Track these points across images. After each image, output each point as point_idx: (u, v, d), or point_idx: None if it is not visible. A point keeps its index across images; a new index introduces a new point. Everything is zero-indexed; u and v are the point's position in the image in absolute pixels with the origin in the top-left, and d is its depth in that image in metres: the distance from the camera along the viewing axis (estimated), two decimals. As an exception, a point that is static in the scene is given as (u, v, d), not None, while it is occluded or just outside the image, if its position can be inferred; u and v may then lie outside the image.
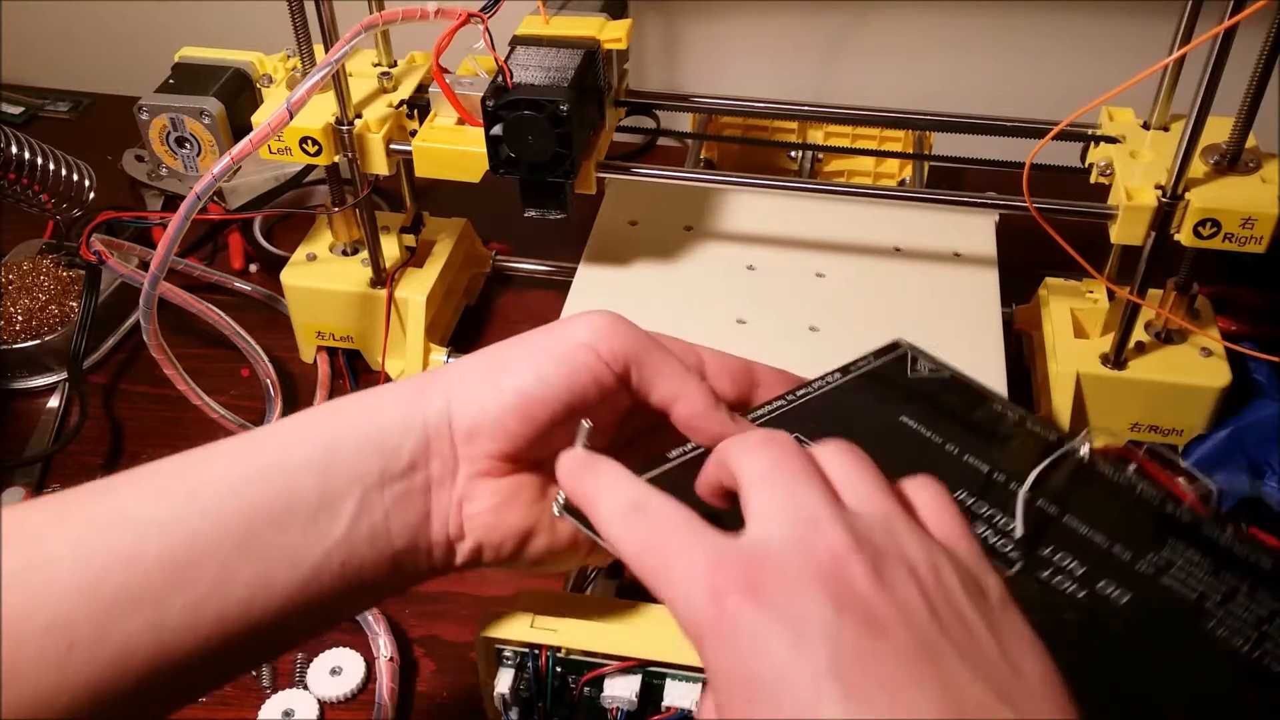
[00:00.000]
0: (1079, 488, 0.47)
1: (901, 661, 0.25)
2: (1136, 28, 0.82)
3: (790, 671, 0.25)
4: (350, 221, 0.68)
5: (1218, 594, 0.41)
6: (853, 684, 0.25)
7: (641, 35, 0.90)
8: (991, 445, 0.48)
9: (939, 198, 0.63)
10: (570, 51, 0.58)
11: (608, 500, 0.32)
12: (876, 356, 0.54)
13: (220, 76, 0.63)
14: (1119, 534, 0.44)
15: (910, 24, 0.87)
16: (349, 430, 0.35)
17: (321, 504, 0.34)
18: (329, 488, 0.34)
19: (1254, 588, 0.41)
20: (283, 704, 0.52)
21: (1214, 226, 0.55)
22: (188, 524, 0.33)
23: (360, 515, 0.34)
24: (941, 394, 0.53)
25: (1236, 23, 0.48)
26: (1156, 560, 0.43)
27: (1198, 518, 0.44)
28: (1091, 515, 0.45)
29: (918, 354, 0.54)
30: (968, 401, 0.52)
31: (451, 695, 0.53)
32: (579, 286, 0.66)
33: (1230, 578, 0.42)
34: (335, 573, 0.34)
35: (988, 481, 0.46)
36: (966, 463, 0.47)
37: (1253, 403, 0.62)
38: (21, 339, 0.70)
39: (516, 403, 0.36)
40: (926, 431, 0.49)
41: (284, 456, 0.35)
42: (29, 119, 0.96)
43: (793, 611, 0.26)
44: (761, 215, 0.71)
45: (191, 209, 0.53)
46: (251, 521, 0.33)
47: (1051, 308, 0.65)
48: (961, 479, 0.47)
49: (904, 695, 0.25)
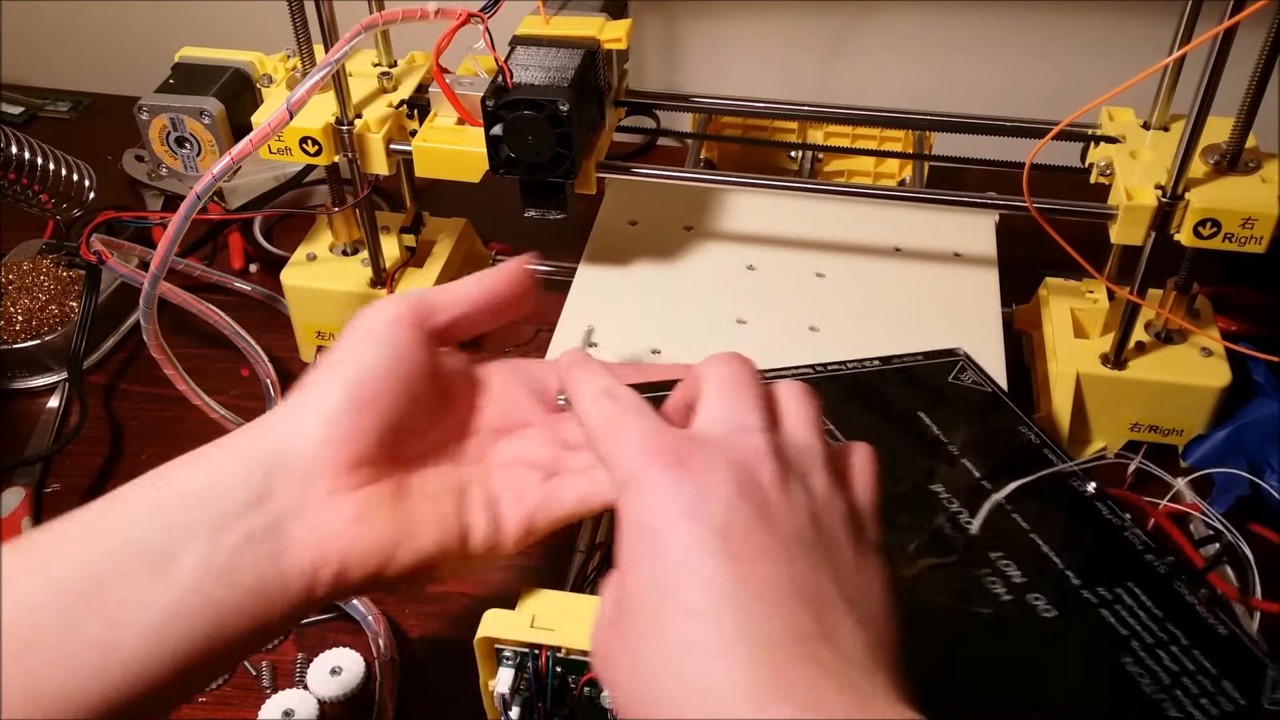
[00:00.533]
0: (1066, 515, 0.49)
1: (776, 543, 0.31)
2: (1136, 28, 0.82)
3: (686, 523, 0.31)
4: (350, 221, 0.68)
5: (1151, 639, 0.43)
6: (733, 545, 0.30)
7: (641, 35, 0.90)
8: (995, 458, 0.49)
9: (939, 198, 0.63)
10: (570, 51, 0.58)
11: (587, 386, 0.37)
12: (927, 357, 0.56)
13: (220, 76, 0.63)
14: (1079, 561, 0.46)
15: (910, 24, 0.87)
16: (180, 484, 0.36)
17: (160, 557, 0.34)
18: (162, 543, 0.35)
19: (1195, 646, 0.43)
20: (283, 704, 0.52)
21: (1214, 226, 0.55)
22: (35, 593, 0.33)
23: (200, 564, 0.35)
24: (972, 404, 0.54)
25: (1236, 23, 0.48)
26: (1105, 593, 0.45)
27: (1175, 573, 0.45)
28: (1060, 539, 0.47)
29: (969, 365, 0.55)
30: (996, 418, 0.53)
31: (451, 695, 0.53)
32: (579, 286, 0.66)
33: (1175, 630, 0.44)
34: (183, 627, 0.34)
35: (974, 486, 0.48)
36: (962, 465, 0.49)
37: (1252, 402, 0.62)
38: (21, 339, 0.70)
39: (346, 395, 0.38)
40: (936, 430, 0.51)
41: (110, 519, 0.35)
42: (29, 119, 0.96)
43: (703, 480, 0.32)
44: (761, 215, 0.71)
45: (191, 209, 0.53)
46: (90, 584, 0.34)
47: (1051, 308, 0.65)
48: (951, 477, 0.48)
49: (770, 568, 0.30)
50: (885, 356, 0.55)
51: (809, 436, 0.35)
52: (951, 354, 0.56)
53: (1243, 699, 0.41)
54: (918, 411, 0.52)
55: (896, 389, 0.54)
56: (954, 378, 0.55)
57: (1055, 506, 0.49)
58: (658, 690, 0.30)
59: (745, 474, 0.32)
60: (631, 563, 0.32)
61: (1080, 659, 0.42)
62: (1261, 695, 0.41)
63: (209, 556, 0.35)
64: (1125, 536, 0.47)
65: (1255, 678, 0.42)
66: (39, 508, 0.62)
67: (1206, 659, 0.42)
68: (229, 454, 0.37)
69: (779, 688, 0.28)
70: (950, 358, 0.56)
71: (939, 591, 0.35)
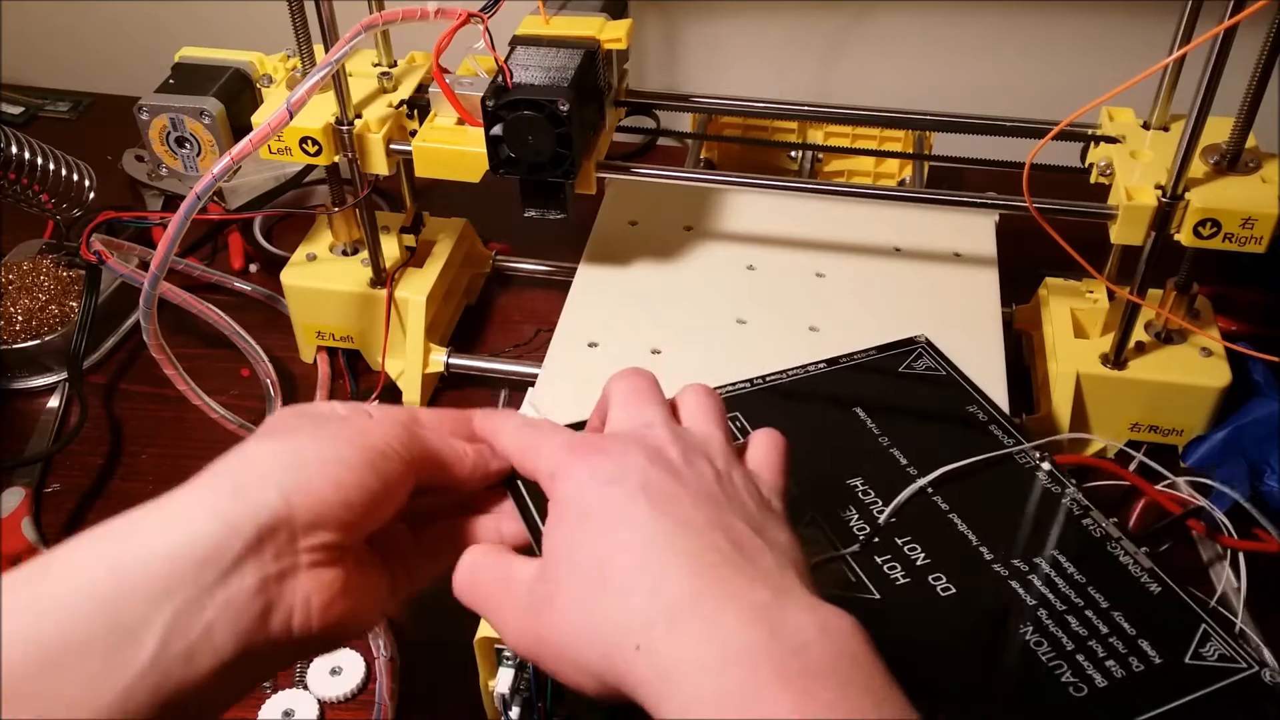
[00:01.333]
0: (998, 491, 0.49)
1: (688, 496, 0.35)
2: (1136, 28, 0.82)
3: (609, 487, 0.35)
4: (350, 221, 0.68)
5: (1064, 605, 0.44)
6: (652, 495, 0.34)
7: (641, 35, 0.90)
8: (931, 444, 0.51)
9: (939, 198, 0.63)
10: (570, 51, 0.58)
11: (507, 423, 0.41)
12: (884, 350, 0.56)
13: (220, 76, 0.63)
14: (997, 537, 0.47)
15: (910, 24, 0.87)
16: (145, 549, 0.33)
17: (116, 634, 0.31)
18: (120, 617, 0.31)
19: (1116, 608, 0.44)
20: (283, 704, 0.52)
21: (1214, 226, 0.55)
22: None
23: (172, 636, 0.32)
24: (922, 391, 0.54)
25: (1236, 23, 0.48)
26: (1020, 565, 0.46)
27: (1111, 535, 0.46)
28: (983, 516, 0.48)
29: (927, 351, 0.55)
30: (946, 402, 0.53)
31: (451, 695, 0.53)
32: (579, 286, 0.66)
33: (1095, 595, 0.44)
34: (144, 702, 0.31)
35: (898, 475, 0.50)
36: (890, 455, 0.51)
37: (1252, 402, 0.62)
38: (21, 339, 0.70)
39: (349, 496, 0.36)
40: (870, 422, 0.53)
41: (65, 587, 0.32)
42: (29, 119, 0.96)
43: (619, 457, 0.36)
44: (761, 215, 0.71)
45: (191, 209, 0.53)
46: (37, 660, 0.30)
47: (1051, 308, 0.65)
48: (875, 469, 0.50)
49: (687, 509, 0.34)
50: (833, 357, 0.56)
51: (709, 427, 0.39)
52: (910, 342, 0.57)
53: (1160, 657, 0.42)
54: (853, 407, 0.53)
55: (833, 386, 0.55)
56: (907, 366, 0.56)
57: (989, 484, 0.50)
58: (604, 628, 0.33)
59: (654, 450, 0.36)
60: (560, 539, 0.35)
61: (974, 634, 0.43)
62: (1187, 652, 0.42)
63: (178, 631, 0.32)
64: (1063, 503, 0.48)
65: (1185, 634, 0.42)
66: (39, 508, 0.62)
67: (1128, 620, 0.43)
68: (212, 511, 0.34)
69: (710, 585, 0.32)
70: (908, 347, 0.57)
71: (825, 585, 0.36)
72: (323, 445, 0.36)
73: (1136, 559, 0.45)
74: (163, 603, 0.32)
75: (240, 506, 0.34)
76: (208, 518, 0.33)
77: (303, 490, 0.35)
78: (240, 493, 0.34)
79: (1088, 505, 0.48)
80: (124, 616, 0.31)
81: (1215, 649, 0.42)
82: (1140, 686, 0.41)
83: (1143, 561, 0.45)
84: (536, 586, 0.35)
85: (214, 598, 0.33)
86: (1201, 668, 0.41)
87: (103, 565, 0.32)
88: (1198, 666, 0.42)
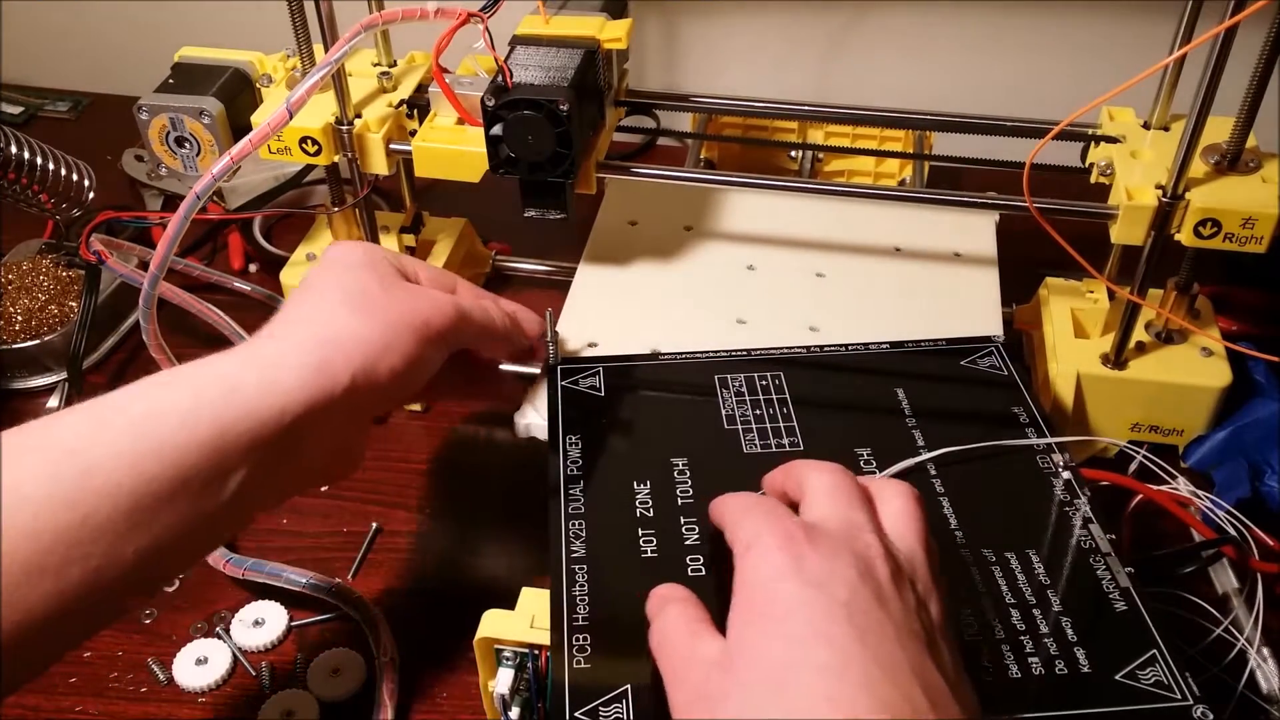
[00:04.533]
0: (1006, 486, 0.50)
1: (892, 627, 0.34)
2: (1136, 28, 0.82)
3: (813, 590, 0.34)
4: (350, 221, 0.68)
5: (1014, 599, 0.44)
6: (856, 618, 0.34)
7: (641, 35, 0.90)
8: (955, 431, 0.52)
9: (939, 198, 0.63)
10: (570, 51, 0.58)
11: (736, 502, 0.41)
12: (954, 342, 0.58)
13: (220, 76, 0.63)
14: (982, 528, 0.47)
15: (910, 24, 0.87)
16: (243, 410, 0.40)
17: (211, 478, 0.39)
18: (220, 464, 0.39)
19: (1067, 614, 0.44)
20: (283, 704, 0.52)
21: (1214, 226, 0.55)
22: (83, 504, 0.35)
23: (248, 483, 0.40)
24: (973, 385, 0.54)
25: (1236, 23, 0.48)
26: (989, 555, 0.46)
27: (1100, 549, 0.47)
28: (976, 506, 0.48)
29: (998, 352, 0.57)
30: (995, 400, 0.54)
31: (451, 695, 0.53)
32: (579, 286, 0.66)
33: (1052, 597, 0.44)
34: (222, 520, 0.40)
35: (908, 451, 0.51)
36: (910, 433, 0.52)
37: (1252, 402, 0.62)
38: (21, 339, 0.70)
39: (403, 383, 0.45)
40: (905, 403, 0.54)
41: (179, 436, 0.38)
42: (29, 119, 0.96)
43: (829, 561, 0.35)
44: (761, 215, 0.71)
45: (191, 209, 0.53)
46: (141, 499, 0.37)
47: (1051, 308, 0.65)
48: (888, 443, 0.51)
49: (888, 645, 0.33)
50: (897, 340, 0.58)
51: (914, 543, 0.38)
52: (985, 340, 0.58)
53: (1090, 667, 0.41)
54: (895, 388, 0.54)
55: (888, 367, 0.56)
56: (971, 362, 0.56)
57: (997, 479, 0.50)
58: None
59: (864, 564, 0.36)
60: (749, 617, 0.35)
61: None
62: (1121, 670, 0.41)
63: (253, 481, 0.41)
64: (1066, 511, 0.48)
65: (1130, 653, 0.42)
66: (39, 508, 0.62)
67: (1074, 627, 0.43)
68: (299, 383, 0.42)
69: None
70: (979, 344, 0.58)
71: None
72: (390, 337, 0.44)
73: (1116, 576, 0.45)
74: (248, 457, 0.39)
75: (322, 381, 0.42)
76: (296, 389, 0.41)
77: (368, 375, 0.43)
78: (324, 368, 0.42)
79: (1091, 518, 0.48)
80: (220, 465, 0.39)
81: (1154, 675, 0.41)
82: (1052, 688, 0.40)
83: (1120, 580, 0.45)
84: (714, 673, 0.35)
85: (287, 454, 0.41)
86: (1129, 688, 0.40)
87: (211, 424, 0.39)
88: (1125, 686, 0.41)
